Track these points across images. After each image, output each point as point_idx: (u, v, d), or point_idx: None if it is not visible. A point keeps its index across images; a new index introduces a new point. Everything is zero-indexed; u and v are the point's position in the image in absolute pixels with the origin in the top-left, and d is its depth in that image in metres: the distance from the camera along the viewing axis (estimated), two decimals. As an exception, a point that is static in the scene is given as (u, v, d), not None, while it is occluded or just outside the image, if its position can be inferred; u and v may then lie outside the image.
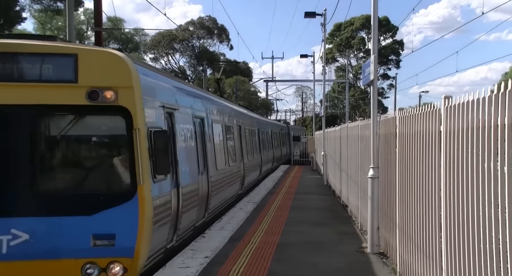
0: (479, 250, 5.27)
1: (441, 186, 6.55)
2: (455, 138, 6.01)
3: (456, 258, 6.01)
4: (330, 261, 10.25)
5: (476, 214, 5.36)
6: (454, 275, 6.09)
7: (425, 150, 7.37)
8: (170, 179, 9.87)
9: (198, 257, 10.53)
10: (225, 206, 17.24)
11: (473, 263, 5.44)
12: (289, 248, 11.41)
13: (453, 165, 6.09)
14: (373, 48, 11.94)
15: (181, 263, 10.02)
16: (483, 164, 5.18)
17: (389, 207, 10.12)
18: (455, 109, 6.05)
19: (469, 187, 5.56)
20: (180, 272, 9.37)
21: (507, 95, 4.59)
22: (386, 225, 10.49)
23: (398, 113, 9.33)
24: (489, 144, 5.04)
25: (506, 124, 4.64)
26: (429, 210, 7.17)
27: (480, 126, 5.25)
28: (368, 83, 12.59)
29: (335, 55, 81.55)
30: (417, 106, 8.55)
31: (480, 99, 5.26)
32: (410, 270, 8.41)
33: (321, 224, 14.79)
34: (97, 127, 9.27)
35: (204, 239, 12.50)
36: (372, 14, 11.62)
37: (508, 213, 4.54)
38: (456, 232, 5.98)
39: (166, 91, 11.18)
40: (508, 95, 4.58)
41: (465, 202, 5.69)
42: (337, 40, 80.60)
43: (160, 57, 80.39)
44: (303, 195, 22.39)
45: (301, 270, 9.56)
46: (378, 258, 10.53)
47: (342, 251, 11.23)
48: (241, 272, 9.43)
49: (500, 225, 4.75)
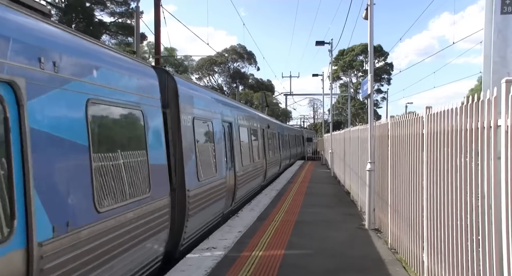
0: (451, 224, 5.31)
1: (423, 176, 6.56)
2: (434, 138, 6.03)
3: (433, 231, 6.03)
4: (337, 235, 10.26)
5: (449, 198, 5.39)
6: (432, 243, 6.12)
7: (411, 148, 7.37)
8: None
9: (233, 231, 10.60)
10: (253, 193, 17.16)
11: (446, 234, 5.48)
12: (304, 225, 11.41)
13: (432, 159, 6.11)
14: (370, 69, 11.95)
15: (220, 236, 10.11)
16: (455, 158, 5.21)
17: (382, 193, 10.11)
18: (434, 116, 6.06)
19: (444, 177, 5.58)
20: (220, 243, 9.44)
21: (469, 107, 4.70)
22: (380, 207, 10.48)
23: (390, 120, 9.35)
24: (459, 143, 5.07)
25: (470, 128, 4.69)
26: (413, 195, 7.18)
27: (453, 130, 5.27)
28: (366, 96, 12.62)
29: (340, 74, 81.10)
30: (404, 115, 8.55)
31: (452, 109, 5.30)
32: (398, 241, 8.42)
33: (329, 206, 14.77)
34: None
35: (238, 218, 12.57)
36: (368, 43, 11.63)
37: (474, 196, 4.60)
38: (434, 212, 6.00)
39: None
40: (471, 107, 4.68)
41: (440, 188, 5.72)
42: (341, 62, 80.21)
43: (203, 77, 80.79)
44: (315, 184, 22.34)
45: (314, 242, 9.57)
46: (374, 233, 10.53)
47: (346, 227, 11.22)
48: (267, 243, 9.46)
49: (467, 207, 4.80)
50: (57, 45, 4.95)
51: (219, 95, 14.52)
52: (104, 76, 5.81)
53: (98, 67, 5.67)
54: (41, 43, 4.63)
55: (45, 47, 4.66)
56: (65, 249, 4.55)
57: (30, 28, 4.63)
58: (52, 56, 4.68)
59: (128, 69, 6.80)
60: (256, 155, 18.48)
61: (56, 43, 4.97)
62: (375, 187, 10.94)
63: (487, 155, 4.34)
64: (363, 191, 12.61)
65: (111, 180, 5.73)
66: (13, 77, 4.05)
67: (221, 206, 11.66)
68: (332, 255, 8.48)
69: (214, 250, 8.79)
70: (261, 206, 14.62)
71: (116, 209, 5.70)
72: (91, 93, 5.37)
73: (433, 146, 6.04)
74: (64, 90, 4.87)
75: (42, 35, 4.78)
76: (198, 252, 8.71)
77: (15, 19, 4.43)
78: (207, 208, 10.08)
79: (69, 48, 5.18)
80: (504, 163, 3.93)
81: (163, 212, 7.27)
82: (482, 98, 4.47)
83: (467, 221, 4.83)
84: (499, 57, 5.14)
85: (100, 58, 5.93)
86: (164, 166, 7.64)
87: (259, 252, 8.74)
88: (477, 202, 4.57)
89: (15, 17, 4.45)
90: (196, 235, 9.58)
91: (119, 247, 5.70)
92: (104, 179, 5.54)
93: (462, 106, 4.94)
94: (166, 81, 8.61)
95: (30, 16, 4.72)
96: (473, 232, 4.68)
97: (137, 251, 6.30)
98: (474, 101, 4.63)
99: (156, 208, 6.96)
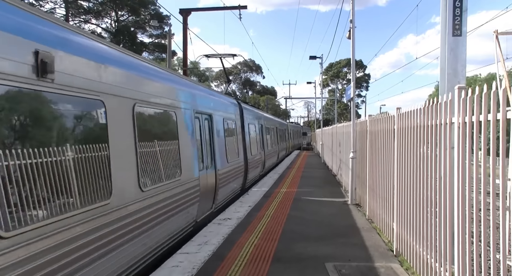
0: (415, 200, 5.35)
1: (394, 162, 6.59)
2: (403, 133, 6.06)
3: (402, 205, 6.07)
4: (326, 209, 10.30)
5: (414, 179, 5.43)
6: (400, 215, 6.16)
7: (385, 140, 7.40)
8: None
9: (244, 206, 10.67)
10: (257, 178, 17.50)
11: (411, 208, 5.52)
12: (300, 201, 11.45)
13: (402, 149, 6.14)
14: (352, 78, 11.94)
15: (234, 210, 10.17)
16: (419, 148, 5.25)
17: (362, 176, 10.13)
18: (402, 115, 6.08)
19: (411, 163, 5.62)
20: (234, 214, 9.52)
21: (430, 108, 4.71)
22: (360, 187, 10.51)
23: (368, 118, 9.36)
24: (422, 136, 5.10)
25: (430, 124, 4.72)
26: (387, 177, 7.22)
27: (417, 126, 5.31)
28: (349, 100, 12.62)
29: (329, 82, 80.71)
30: (379, 114, 8.56)
31: (417, 110, 5.33)
32: (374, 213, 8.46)
33: (320, 186, 14.78)
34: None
35: (248, 195, 12.64)
36: (351, 58, 11.60)
37: (429, 177, 4.65)
38: (402, 190, 6.04)
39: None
40: (431, 108, 4.69)
41: (408, 172, 5.75)
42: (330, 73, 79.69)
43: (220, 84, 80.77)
44: (309, 168, 22.34)
45: (309, 214, 9.64)
46: (355, 207, 10.56)
47: (333, 203, 11.25)
48: (271, 215, 9.52)
49: (428, 186, 4.84)
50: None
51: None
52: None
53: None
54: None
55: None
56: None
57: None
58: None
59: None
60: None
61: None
62: (356, 171, 10.96)
63: (443, 145, 4.38)
64: (347, 174, 12.63)
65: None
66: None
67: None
68: (322, 224, 8.55)
69: (229, 220, 8.89)
70: (266, 186, 14.68)
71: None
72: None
73: (402, 138, 6.08)
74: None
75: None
76: (217, 221, 8.81)
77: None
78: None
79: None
80: (457, 152, 3.98)
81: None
82: (440, 101, 4.51)
83: (428, 197, 4.89)
84: (452, 69, 5.17)
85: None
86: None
87: (265, 221, 8.83)
88: (436, 182, 4.62)
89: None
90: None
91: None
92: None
93: (424, 107, 4.98)
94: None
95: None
96: (432, 205, 4.73)
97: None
98: (434, 104, 4.67)
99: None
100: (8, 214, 3.04)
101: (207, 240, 7.19)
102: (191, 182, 7.39)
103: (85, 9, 39.22)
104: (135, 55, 5.86)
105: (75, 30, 4.41)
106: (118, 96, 4.84)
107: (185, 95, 7.58)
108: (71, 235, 3.74)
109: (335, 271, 5.60)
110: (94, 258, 4.08)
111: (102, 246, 4.23)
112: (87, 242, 3.97)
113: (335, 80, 73.62)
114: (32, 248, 3.25)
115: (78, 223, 3.86)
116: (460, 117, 3.90)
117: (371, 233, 7.82)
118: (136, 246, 5.07)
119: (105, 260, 4.28)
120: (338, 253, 6.44)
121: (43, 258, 3.36)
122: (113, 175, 4.54)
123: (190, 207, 7.38)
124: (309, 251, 6.55)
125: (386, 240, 7.24)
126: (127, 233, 4.79)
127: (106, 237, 4.33)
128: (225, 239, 7.32)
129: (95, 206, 4.17)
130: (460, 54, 5.15)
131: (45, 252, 3.38)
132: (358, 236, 7.59)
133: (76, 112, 4.05)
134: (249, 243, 7.05)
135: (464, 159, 3.83)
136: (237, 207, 10.56)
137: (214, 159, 9.39)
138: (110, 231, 4.43)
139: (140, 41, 43.56)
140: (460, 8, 5.22)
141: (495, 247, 3.34)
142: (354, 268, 5.73)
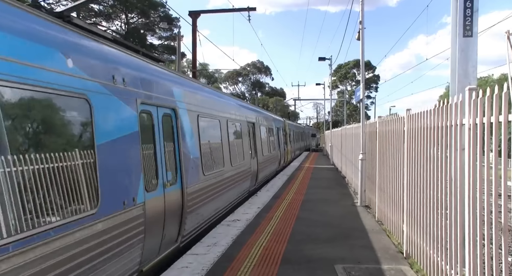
0: (425, 202, 5.32)
1: (404, 164, 6.55)
2: (413, 134, 6.02)
3: (412, 207, 6.04)
4: (335, 210, 10.29)
5: (425, 181, 5.39)
6: (410, 217, 6.13)
7: (394, 141, 7.36)
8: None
9: (253, 208, 10.68)
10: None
11: (421, 209, 5.49)
12: (309, 203, 11.44)
13: (411, 150, 6.11)
14: (362, 79, 11.89)
15: (243, 211, 10.19)
16: (429, 150, 5.22)
17: (371, 177, 10.09)
18: (412, 117, 6.05)
19: (421, 164, 5.59)
20: (243, 216, 9.53)
21: (440, 110, 4.68)
22: (370, 189, 10.46)
23: (378, 120, 9.32)
24: (432, 137, 5.07)
25: (440, 126, 4.69)
26: (396, 179, 7.17)
27: (427, 127, 5.27)
28: (358, 101, 12.56)
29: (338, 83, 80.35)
30: (388, 115, 8.52)
31: (427, 111, 5.29)
32: (384, 215, 8.41)
33: (329, 187, 14.76)
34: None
35: (256, 197, 12.65)
36: (361, 59, 11.57)
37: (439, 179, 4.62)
38: (412, 192, 6.01)
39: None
40: (441, 109, 4.66)
41: (418, 173, 5.72)
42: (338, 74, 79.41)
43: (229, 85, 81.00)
44: (318, 170, 22.30)
45: (317, 216, 9.63)
46: (364, 209, 10.52)
47: (342, 204, 11.23)
48: (280, 216, 9.52)
49: (438, 188, 4.81)
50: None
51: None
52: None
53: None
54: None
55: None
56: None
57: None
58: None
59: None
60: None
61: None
62: (366, 172, 10.91)
63: (454, 147, 4.35)
64: (356, 175, 12.58)
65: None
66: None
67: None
68: (331, 226, 8.53)
69: (238, 222, 8.90)
70: (275, 187, 14.69)
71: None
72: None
73: (412, 140, 6.04)
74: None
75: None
76: (226, 223, 8.82)
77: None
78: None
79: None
80: (467, 153, 3.94)
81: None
82: (450, 103, 4.47)
83: (438, 199, 4.85)
84: (462, 70, 5.12)
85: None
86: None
87: (274, 222, 8.83)
88: (446, 184, 4.59)
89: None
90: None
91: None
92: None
93: (435, 108, 4.94)
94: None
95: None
96: (443, 207, 4.70)
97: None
98: (444, 105, 4.63)
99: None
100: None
101: (216, 241, 7.21)
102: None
103: (95, 12, 39.65)
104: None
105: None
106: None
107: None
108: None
109: (345, 273, 5.58)
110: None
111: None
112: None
113: (344, 82, 73.39)
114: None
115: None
116: (471, 119, 3.87)
117: (381, 235, 7.77)
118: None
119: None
120: (348, 255, 6.41)
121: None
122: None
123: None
124: (319, 253, 6.53)
125: (396, 242, 7.19)
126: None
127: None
128: (234, 240, 7.33)
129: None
130: (471, 55, 5.10)
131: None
132: (368, 238, 7.55)
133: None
134: (258, 245, 7.06)
135: (475, 161, 3.80)
136: (246, 208, 10.57)
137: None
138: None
139: (150, 43, 43.96)
140: (471, 9, 5.17)
141: (507, 250, 3.31)
142: (363, 270, 5.70)
